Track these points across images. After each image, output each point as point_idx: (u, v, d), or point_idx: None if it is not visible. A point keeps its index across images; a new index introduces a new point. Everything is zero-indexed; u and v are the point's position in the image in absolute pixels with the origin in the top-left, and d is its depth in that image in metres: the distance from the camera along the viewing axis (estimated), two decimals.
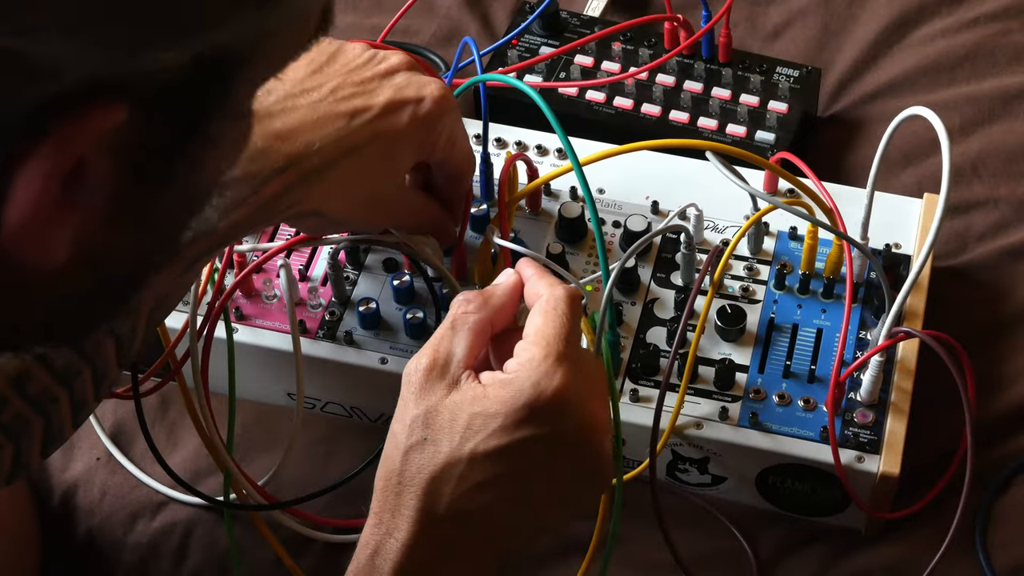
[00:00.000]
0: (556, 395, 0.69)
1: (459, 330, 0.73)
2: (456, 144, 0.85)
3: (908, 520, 0.89)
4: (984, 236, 1.03)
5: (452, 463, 0.69)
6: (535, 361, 0.70)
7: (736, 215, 0.97)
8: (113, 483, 0.96)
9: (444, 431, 0.70)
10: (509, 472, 0.69)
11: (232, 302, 0.94)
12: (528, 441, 0.69)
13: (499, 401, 0.69)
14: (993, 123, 1.10)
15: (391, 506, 0.70)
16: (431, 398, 0.71)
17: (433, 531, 0.69)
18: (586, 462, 0.71)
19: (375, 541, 0.70)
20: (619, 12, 1.20)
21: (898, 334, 0.86)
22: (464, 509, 0.69)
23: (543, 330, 0.71)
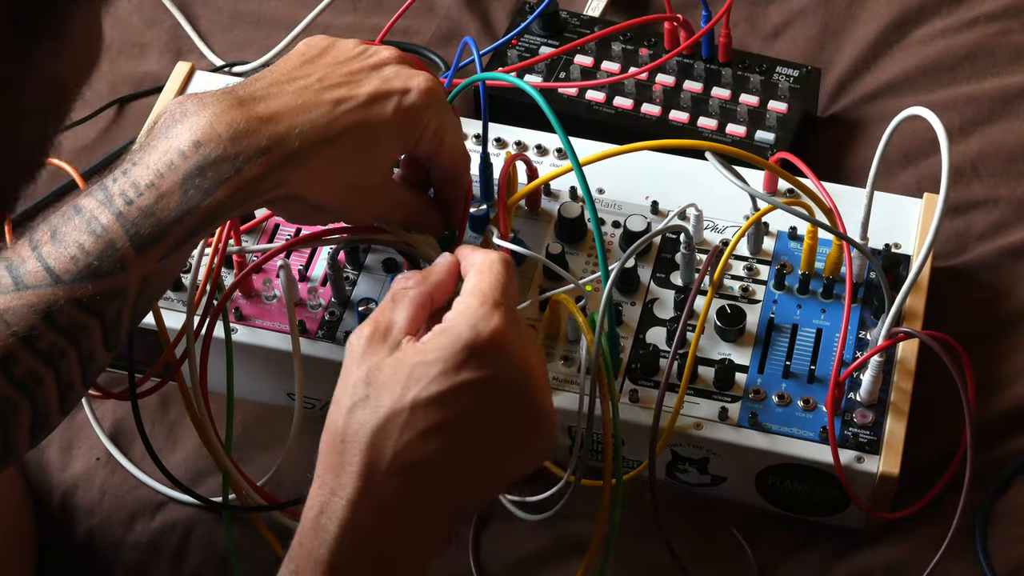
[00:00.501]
0: (494, 335, 0.71)
1: (399, 302, 0.75)
2: (445, 139, 0.85)
3: (908, 520, 0.89)
4: (984, 236, 1.03)
5: (394, 414, 0.70)
6: (472, 308, 0.72)
7: (736, 215, 0.97)
8: (113, 483, 0.96)
9: (386, 386, 0.71)
10: (451, 418, 0.70)
11: (231, 302, 0.94)
12: (468, 384, 0.70)
13: (438, 348, 0.70)
14: (993, 123, 1.10)
15: (334, 465, 0.70)
16: (373, 359, 0.72)
17: (378, 486, 0.69)
18: (526, 409, 0.72)
19: (319, 502, 0.70)
20: (619, 12, 1.20)
21: (898, 334, 0.86)
22: (408, 460, 0.70)
23: (479, 284, 0.74)
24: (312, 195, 0.80)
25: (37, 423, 0.75)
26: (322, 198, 0.81)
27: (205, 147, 0.75)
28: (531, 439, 0.74)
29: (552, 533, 0.91)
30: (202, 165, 0.75)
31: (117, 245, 0.74)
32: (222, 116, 0.76)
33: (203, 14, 1.24)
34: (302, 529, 0.70)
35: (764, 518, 0.91)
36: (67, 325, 0.74)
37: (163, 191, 0.75)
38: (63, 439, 0.98)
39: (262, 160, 0.76)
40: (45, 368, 0.74)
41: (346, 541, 0.69)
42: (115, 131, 1.17)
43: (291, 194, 0.79)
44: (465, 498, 0.72)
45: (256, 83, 0.80)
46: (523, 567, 0.91)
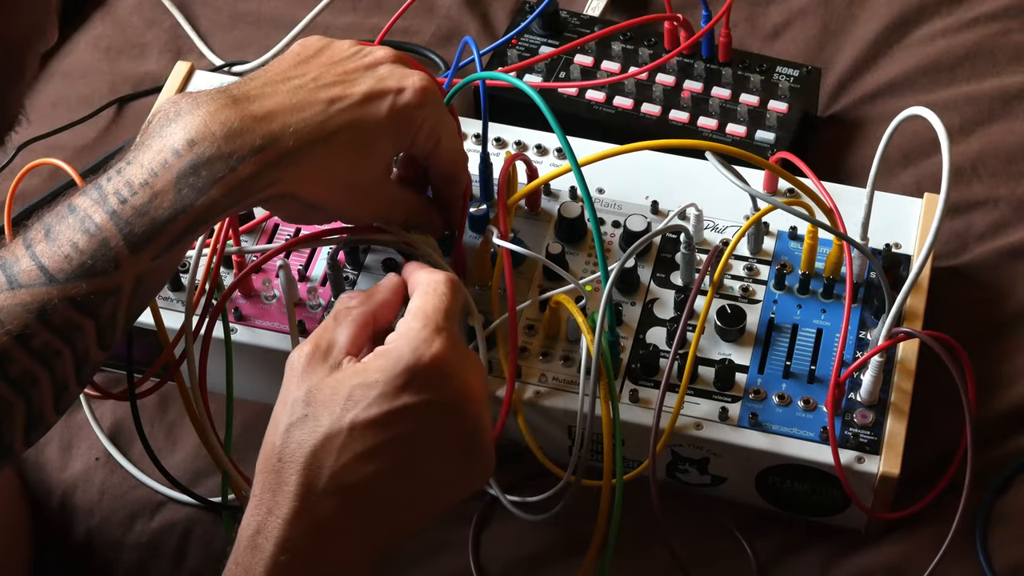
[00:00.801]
0: (434, 360, 0.71)
1: (341, 321, 0.76)
2: (441, 138, 0.85)
3: (908, 520, 0.89)
4: (984, 236, 1.03)
5: (333, 435, 0.70)
6: (414, 331, 0.72)
7: (736, 215, 0.97)
8: (112, 483, 0.96)
9: (325, 406, 0.71)
10: (390, 440, 0.70)
11: (231, 302, 0.93)
12: (408, 408, 0.70)
13: (378, 370, 0.71)
14: (993, 123, 1.10)
15: (271, 485, 0.71)
16: (312, 378, 0.73)
17: (315, 506, 0.70)
18: (465, 435, 0.73)
19: (256, 521, 0.70)
20: (619, 12, 1.20)
21: (898, 334, 0.86)
22: (346, 482, 0.70)
23: (422, 306, 0.74)
24: (306, 194, 0.80)
25: (32, 422, 0.75)
26: (317, 197, 0.81)
27: (199, 146, 0.75)
28: (468, 463, 0.74)
29: (552, 533, 0.91)
30: (196, 164, 0.75)
31: (111, 244, 0.74)
32: (216, 115, 0.76)
33: (203, 14, 1.24)
34: (237, 548, 0.71)
35: (764, 518, 0.91)
36: (61, 324, 0.74)
37: (157, 190, 0.75)
38: (62, 439, 0.97)
39: (256, 159, 0.76)
40: (40, 367, 0.74)
41: (282, 560, 0.69)
42: (115, 131, 1.17)
43: (285, 193, 0.79)
44: (402, 520, 0.73)
45: (251, 82, 0.79)
46: (523, 567, 0.91)
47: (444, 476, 0.74)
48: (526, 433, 0.89)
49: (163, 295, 0.95)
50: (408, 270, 0.80)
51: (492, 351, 0.90)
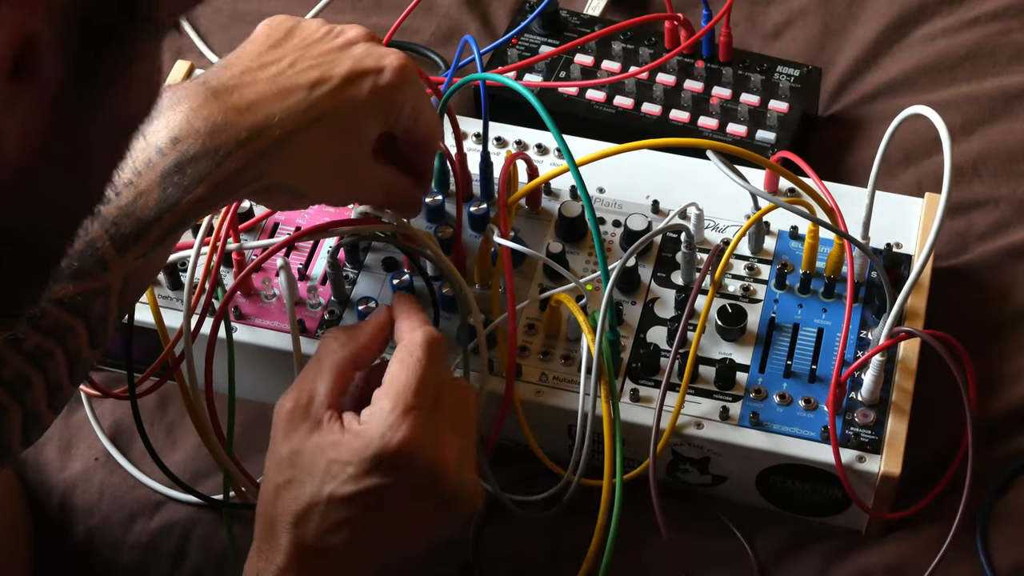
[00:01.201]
0: (400, 447, 0.75)
1: (322, 369, 0.79)
2: (421, 113, 0.85)
3: (909, 520, 0.89)
4: (985, 236, 1.03)
5: (314, 503, 0.75)
6: (383, 413, 0.75)
7: (737, 214, 0.97)
8: (112, 483, 0.95)
9: (307, 472, 0.76)
10: (361, 514, 0.76)
11: (231, 302, 0.93)
12: (376, 489, 0.75)
13: (351, 450, 0.75)
14: (994, 123, 1.10)
15: (268, 537, 0.76)
16: (295, 438, 0.77)
17: (306, 561, 0.76)
18: (436, 501, 0.77)
19: (257, 567, 0.76)
20: (619, 11, 1.20)
21: (899, 334, 0.86)
22: (328, 544, 0.76)
23: (395, 380, 0.77)
24: (295, 182, 0.80)
25: (28, 423, 0.75)
26: (305, 185, 0.81)
27: (183, 143, 0.75)
28: (443, 518, 0.79)
29: (552, 533, 0.91)
30: (180, 162, 0.75)
31: (97, 245, 0.74)
32: (199, 111, 0.75)
33: (202, 13, 1.24)
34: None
35: (764, 518, 0.91)
36: (51, 326, 0.74)
37: (141, 189, 0.74)
38: (62, 439, 0.97)
39: (242, 153, 0.76)
40: (32, 369, 0.74)
41: None
42: None
43: (274, 184, 0.79)
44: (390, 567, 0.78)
45: (227, 71, 0.78)
46: (523, 566, 0.90)
47: (425, 526, 0.78)
48: (527, 432, 0.89)
49: (163, 294, 0.94)
50: (397, 311, 0.82)
51: (492, 350, 0.90)
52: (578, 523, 0.87)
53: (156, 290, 0.94)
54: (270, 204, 0.86)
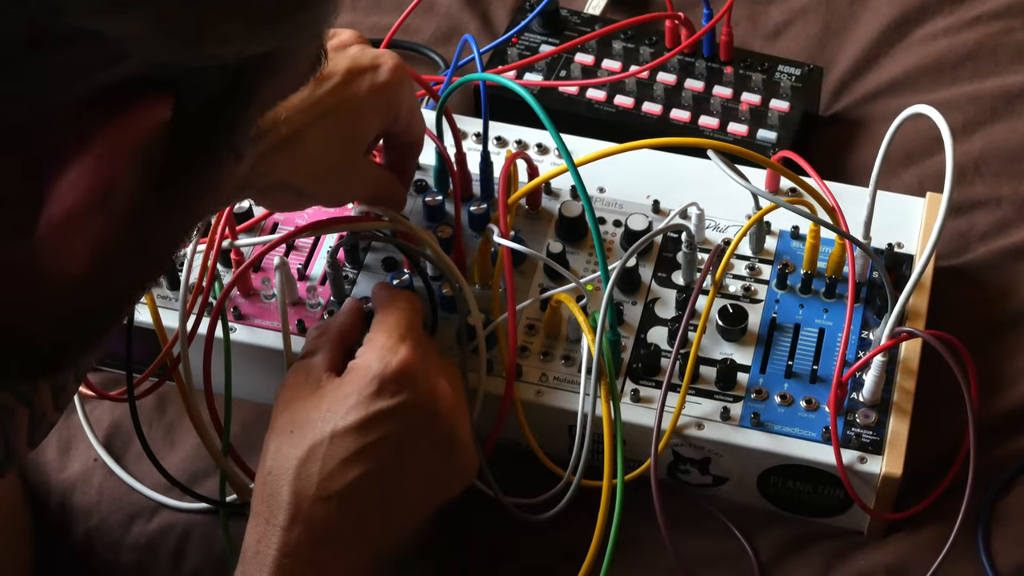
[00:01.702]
0: (400, 366, 0.76)
1: (315, 348, 0.81)
2: (415, 114, 0.86)
3: (910, 521, 0.89)
4: (986, 236, 1.03)
5: (316, 445, 0.75)
6: (379, 342, 0.77)
7: (737, 214, 0.97)
8: (111, 484, 0.95)
9: (307, 421, 0.76)
10: (369, 444, 0.75)
11: (230, 301, 0.93)
12: (382, 412, 0.75)
13: (351, 382, 0.76)
14: (995, 122, 1.10)
15: (267, 499, 0.75)
16: (296, 401, 0.78)
17: (308, 513, 0.74)
18: (442, 433, 0.77)
19: (257, 532, 0.75)
20: (619, 10, 1.20)
21: (901, 334, 0.86)
22: (333, 488, 0.74)
23: (383, 320, 0.80)
24: (298, 180, 0.81)
25: (34, 422, 0.75)
26: (309, 183, 0.82)
27: None
28: (448, 460, 0.78)
29: (552, 534, 0.90)
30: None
31: None
32: None
33: None
34: (243, 560, 0.75)
35: (765, 518, 0.91)
36: None
37: None
38: (61, 440, 0.97)
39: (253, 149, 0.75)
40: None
41: (285, 563, 0.73)
42: None
43: (279, 182, 0.80)
44: (392, 520, 0.77)
45: None
46: (523, 568, 0.90)
47: (426, 473, 0.77)
48: (527, 433, 0.89)
49: (162, 294, 0.94)
50: (373, 292, 0.85)
51: (492, 350, 0.90)
52: (578, 523, 0.87)
53: (155, 290, 0.93)
54: (272, 204, 0.86)
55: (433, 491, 0.79)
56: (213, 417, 0.87)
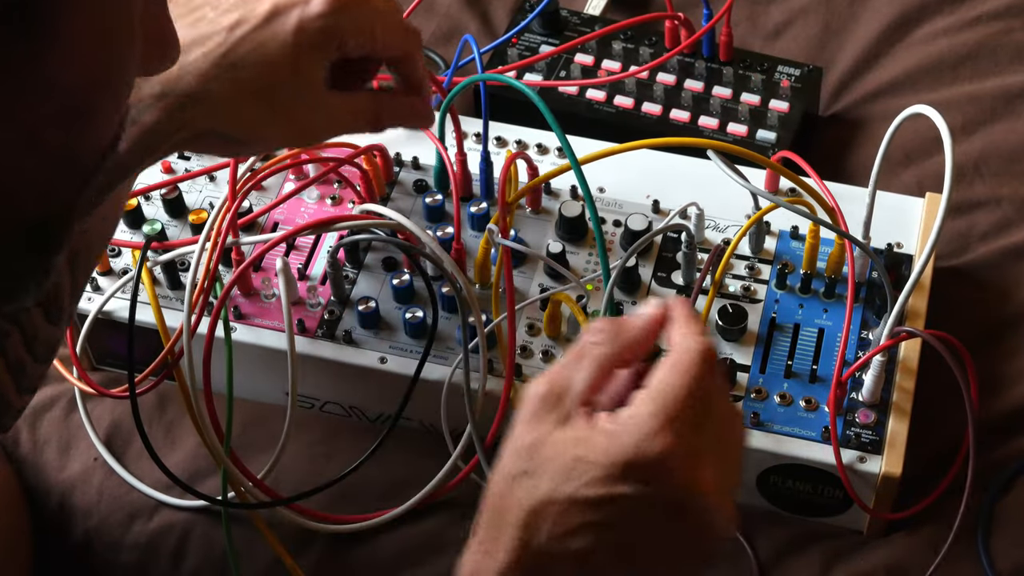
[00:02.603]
0: (657, 459, 0.66)
1: (583, 360, 0.70)
2: (375, 31, 0.81)
3: (910, 521, 0.89)
4: (986, 236, 1.03)
5: (550, 502, 0.67)
6: (643, 418, 0.67)
7: (737, 214, 0.97)
8: (111, 484, 0.95)
9: (546, 467, 0.68)
10: (603, 522, 0.67)
11: (230, 300, 0.93)
12: (625, 498, 0.67)
13: (601, 451, 0.67)
14: (995, 122, 1.10)
15: (494, 531, 0.69)
16: (540, 428, 0.69)
17: (529, 562, 0.68)
18: (687, 526, 0.68)
19: (474, 560, 0.69)
20: (619, 10, 1.20)
21: (900, 334, 0.86)
22: (559, 549, 0.68)
23: (662, 386, 0.68)
24: (228, 128, 0.78)
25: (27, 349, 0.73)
26: (240, 130, 0.78)
27: None
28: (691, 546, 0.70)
29: None
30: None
31: None
32: None
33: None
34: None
35: (764, 518, 0.91)
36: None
37: None
38: (60, 440, 0.97)
39: (159, 106, 0.73)
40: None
41: None
42: None
43: (201, 131, 0.76)
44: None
45: None
46: None
47: (660, 561, 0.70)
48: None
49: (163, 294, 0.94)
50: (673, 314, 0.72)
51: (493, 350, 0.90)
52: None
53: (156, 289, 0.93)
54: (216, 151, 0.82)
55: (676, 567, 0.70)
56: (212, 416, 0.87)
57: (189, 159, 1.02)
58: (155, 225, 0.95)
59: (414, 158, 1.01)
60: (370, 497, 0.92)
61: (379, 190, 0.98)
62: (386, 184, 1.00)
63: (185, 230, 0.97)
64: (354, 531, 0.91)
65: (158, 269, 0.95)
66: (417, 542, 0.91)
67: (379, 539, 0.91)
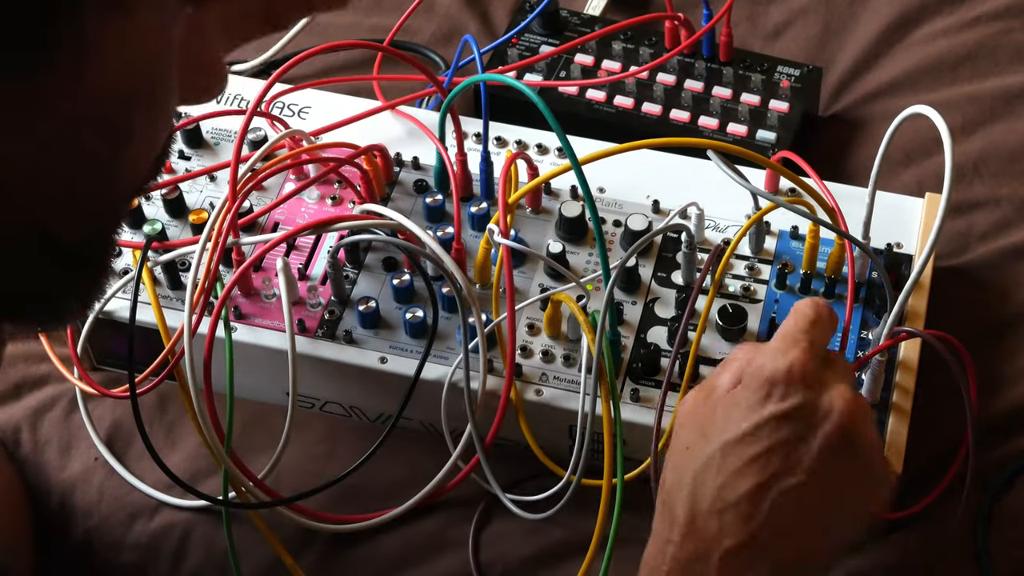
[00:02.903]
0: (790, 368, 0.72)
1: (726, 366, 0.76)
2: None
3: (909, 520, 0.89)
4: (986, 236, 1.03)
5: (709, 459, 0.72)
6: (771, 348, 0.74)
7: (737, 214, 0.97)
8: (111, 484, 0.95)
9: (703, 435, 0.73)
10: (760, 452, 0.71)
11: (231, 301, 0.93)
12: (773, 417, 0.71)
13: (740, 389, 0.73)
14: (995, 122, 1.10)
15: (666, 515, 0.73)
16: (694, 417, 0.75)
17: (701, 528, 0.71)
18: (841, 441, 0.71)
19: (655, 549, 0.73)
20: (619, 11, 1.20)
21: (900, 334, 0.86)
22: (726, 502, 0.71)
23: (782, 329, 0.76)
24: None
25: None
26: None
27: None
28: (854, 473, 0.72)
29: (552, 533, 0.91)
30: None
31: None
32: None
33: None
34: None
35: None
36: None
37: None
38: (61, 440, 0.97)
39: None
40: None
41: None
42: None
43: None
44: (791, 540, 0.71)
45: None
46: (523, 567, 0.90)
47: (827, 485, 0.72)
48: (526, 433, 0.89)
49: (163, 294, 0.94)
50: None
51: (493, 350, 0.90)
52: (578, 523, 0.87)
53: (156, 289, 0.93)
54: None
55: (838, 507, 0.73)
56: (213, 416, 0.87)
57: (190, 159, 1.02)
58: (156, 225, 0.95)
59: (414, 158, 1.01)
60: (370, 497, 0.92)
61: (379, 190, 0.98)
62: (386, 184, 1.00)
63: (186, 230, 0.98)
64: (354, 531, 0.91)
65: (159, 269, 0.95)
66: (417, 542, 0.91)
67: (379, 539, 0.91)
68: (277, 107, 1.05)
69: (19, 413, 0.98)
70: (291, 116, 1.04)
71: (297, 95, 1.05)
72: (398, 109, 1.04)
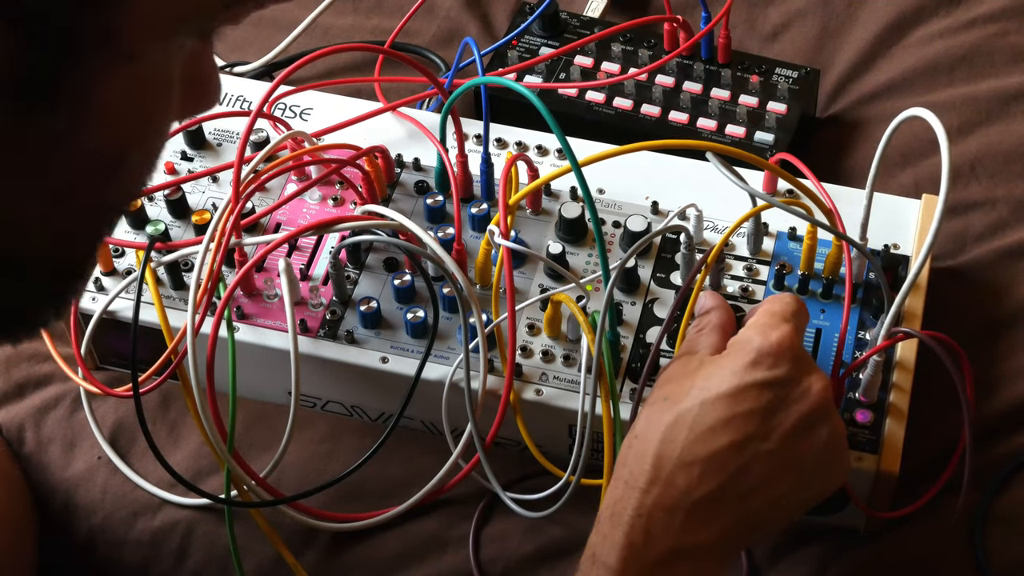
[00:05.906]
0: (781, 341, 0.75)
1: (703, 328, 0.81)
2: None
3: (907, 519, 0.90)
4: (982, 237, 1.04)
5: (685, 411, 0.74)
6: (761, 322, 0.77)
7: (736, 215, 0.97)
8: (114, 482, 0.96)
9: (681, 390, 0.75)
10: (739, 414, 0.73)
11: (234, 301, 0.94)
12: (756, 384, 0.74)
13: (728, 355, 0.76)
14: (991, 124, 1.10)
15: (630, 463, 0.74)
16: (674, 378, 0.77)
17: (668, 477, 0.73)
18: (814, 420, 0.75)
19: (615, 496, 0.74)
20: (619, 13, 1.21)
21: (897, 334, 0.87)
22: (696, 455, 0.73)
23: (768, 307, 0.79)
24: None
25: None
26: None
27: None
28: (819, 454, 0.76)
29: (552, 533, 0.91)
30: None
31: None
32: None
33: None
34: (598, 522, 0.75)
35: None
36: None
37: None
38: (64, 438, 0.98)
39: None
40: None
41: (639, 523, 0.72)
42: None
43: None
44: (750, 504, 0.74)
45: None
46: (523, 567, 0.91)
47: (794, 460, 0.75)
48: (524, 434, 0.89)
49: (166, 294, 0.95)
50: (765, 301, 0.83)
51: (493, 350, 0.91)
52: (578, 523, 0.87)
53: (159, 290, 0.94)
54: None
55: (798, 479, 0.75)
56: (215, 415, 0.87)
57: (192, 160, 1.03)
58: (159, 226, 0.95)
59: (415, 159, 1.01)
60: (372, 495, 0.93)
61: (380, 191, 0.99)
62: (387, 185, 1.00)
63: (188, 231, 0.98)
64: (356, 529, 0.92)
65: (162, 270, 0.95)
66: (419, 540, 0.91)
67: (381, 537, 0.92)
68: (279, 109, 1.05)
69: (23, 412, 0.99)
70: (293, 118, 1.05)
71: (299, 97, 1.06)
72: (399, 111, 1.04)
